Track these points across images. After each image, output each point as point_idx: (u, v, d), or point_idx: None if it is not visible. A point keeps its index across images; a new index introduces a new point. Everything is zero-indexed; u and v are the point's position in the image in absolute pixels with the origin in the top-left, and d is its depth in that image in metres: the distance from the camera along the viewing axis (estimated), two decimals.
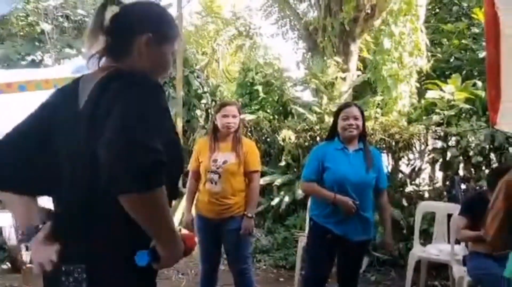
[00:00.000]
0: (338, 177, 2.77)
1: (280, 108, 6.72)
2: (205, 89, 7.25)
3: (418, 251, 3.97)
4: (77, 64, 5.38)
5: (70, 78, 4.05)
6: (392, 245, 3.09)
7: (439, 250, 3.89)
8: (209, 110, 7.09)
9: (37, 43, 8.76)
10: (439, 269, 4.14)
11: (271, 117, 6.36)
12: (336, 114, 2.97)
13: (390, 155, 5.14)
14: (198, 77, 7.35)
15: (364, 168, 2.81)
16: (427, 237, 4.23)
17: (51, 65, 8.13)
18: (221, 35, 9.63)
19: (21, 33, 8.84)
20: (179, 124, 5.47)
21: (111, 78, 1.22)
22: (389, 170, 5.15)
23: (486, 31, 2.71)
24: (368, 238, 2.92)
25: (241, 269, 3.07)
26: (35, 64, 8.31)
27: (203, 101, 7.10)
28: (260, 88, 6.52)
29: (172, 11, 8.99)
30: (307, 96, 7.33)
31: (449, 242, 3.78)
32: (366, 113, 5.95)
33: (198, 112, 6.99)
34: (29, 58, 8.44)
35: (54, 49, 8.39)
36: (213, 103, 7.18)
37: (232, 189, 3.00)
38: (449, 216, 3.92)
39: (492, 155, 4.43)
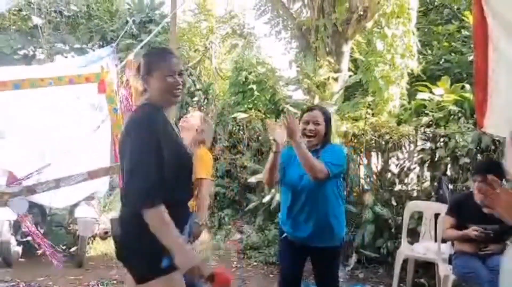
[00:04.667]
0: (290, 181, 2.64)
1: (272, 107, 6.77)
2: (198, 87, 7.29)
3: (406, 249, 4.05)
4: (77, 61, 5.38)
5: (66, 76, 4.08)
6: None
7: (426, 248, 3.97)
8: (202, 108, 7.13)
9: (29, 38, 8.71)
10: (426, 267, 4.22)
11: (263, 116, 6.41)
12: (300, 117, 2.82)
13: (380, 155, 5.22)
14: (191, 74, 7.38)
15: None
16: (414, 236, 4.31)
17: (43, 60, 8.10)
18: (214, 33, 9.64)
19: (14, 27, 8.77)
20: (172, 122, 5.48)
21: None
22: (378, 169, 5.25)
23: (475, 35, 2.77)
24: (331, 245, 2.65)
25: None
26: (27, 58, 8.27)
27: (195, 98, 7.15)
28: (254, 87, 6.57)
29: (165, 9, 8.98)
30: (299, 95, 7.39)
31: (435, 241, 3.87)
32: (356, 114, 6.11)
33: (190, 109, 7.02)
34: (21, 53, 8.39)
35: (46, 44, 8.35)
36: (206, 100, 7.22)
37: None
38: (436, 215, 4.01)
39: (479, 157, 4.52)
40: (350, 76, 7.04)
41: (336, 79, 6.39)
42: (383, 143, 5.02)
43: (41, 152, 4.04)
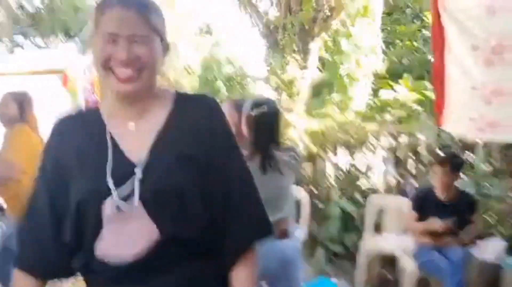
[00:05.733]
0: None
1: None
2: (165, 84, 7.24)
3: (368, 243, 4.19)
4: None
5: (29, 71, 3.99)
6: None
7: (388, 242, 4.11)
8: None
9: None
10: (389, 260, 4.37)
11: None
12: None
13: (346, 151, 5.35)
14: None
15: None
16: (378, 230, 4.46)
17: (3, 53, 7.85)
18: (180, 30, 9.58)
19: None
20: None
21: None
22: (345, 166, 5.38)
23: (433, 38, 2.91)
24: None
25: None
26: None
27: None
28: (221, 84, 6.60)
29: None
30: (267, 93, 7.46)
31: (398, 234, 4.02)
32: (323, 111, 6.23)
33: None
34: None
35: (6, 38, 8.08)
36: None
37: None
38: (399, 209, 4.15)
39: (440, 153, 4.72)
40: (317, 74, 7.17)
41: (303, 77, 6.49)
42: (349, 140, 5.15)
43: None
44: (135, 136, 1.06)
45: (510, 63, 2.53)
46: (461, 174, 4.19)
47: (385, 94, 5.53)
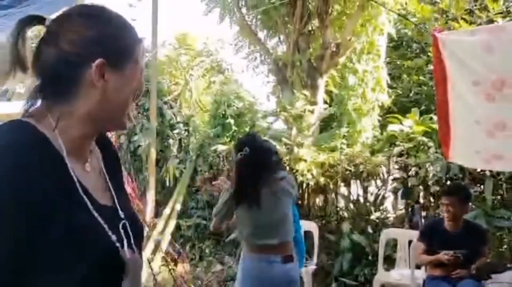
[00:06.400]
0: None
1: None
2: (178, 119, 7.43)
3: (382, 276, 4.20)
4: None
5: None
6: None
7: (401, 275, 4.12)
8: (182, 140, 7.25)
9: None
10: None
11: None
12: None
13: (356, 184, 5.42)
14: (171, 107, 7.53)
15: None
16: (390, 263, 4.47)
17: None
18: (193, 66, 9.88)
19: None
20: (153, 155, 5.59)
21: None
22: (354, 198, 5.44)
23: (435, 74, 3.02)
24: None
25: None
26: None
27: (176, 131, 7.27)
28: (232, 121, 6.76)
29: (145, 43, 9.20)
30: (278, 125, 7.60)
31: (410, 267, 4.03)
32: (332, 144, 6.34)
33: (171, 141, 7.14)
34: None
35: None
36: (186, 132, 7.35)
37: None
38: (410, 242, 4.18)
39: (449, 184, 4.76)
40: (325, 108, 7.33)
41: (312, 111, 6.64)
42: (358, 172, 5.22)
43: None
44: (91, 177, 0.92)
45: (511, 98, 2.62)
46: (471, 206, 4.23)
47: (393, 127, 5.64)
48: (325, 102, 7.51)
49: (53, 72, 0.86)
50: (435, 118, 5.75)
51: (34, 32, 0.91)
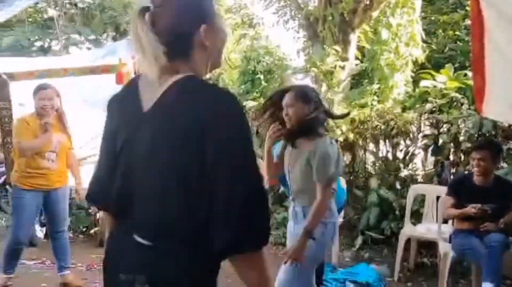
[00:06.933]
0: None
1: None
2: (207, 77, 7.50)
3: (409, 230, 4.27)
4: (95, 53, 5.54)
5: (86, 67, 4.30)
6: None
7: (427, 229, 4.17)
8: None
9: (45, 30, 8.92)
10: (428, 246, 4.43)
11: None
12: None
13: (385, 140, 5.41)
14: None
15: None
16: (418, 218, 4.52)
17: (59, 51, 8.32)
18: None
19: (30, 19, 8.99)
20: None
21: (186, 86, 1.10)
22: (384, 155, 5.45)
23: (472, 26, 2.94)
24: None
25: None
26: (43, 50, 8.50)
27: None
28: (261, 76, 6.77)
29: None
30: (306, 82, 7.56)
31: (437, 222, 4.08)
32: (362, 101, 6.29)
33: None
34: (38, 44, 8.61)
35: (62, 36, 8.56)
36: None
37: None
38: (438, 198, 4.21)
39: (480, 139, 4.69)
40: (356, 64, 7.21)
41: (343, 67, 6.56)
42: (389, 129, 5.20)
43: None
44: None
45: None
46: (502, 164, 4.20)
47: (425, 83, 5.54)
48: (357, 58, 7.37)
49: (176, 36, 1.12)
50: (469, 74, 5.61)
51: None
